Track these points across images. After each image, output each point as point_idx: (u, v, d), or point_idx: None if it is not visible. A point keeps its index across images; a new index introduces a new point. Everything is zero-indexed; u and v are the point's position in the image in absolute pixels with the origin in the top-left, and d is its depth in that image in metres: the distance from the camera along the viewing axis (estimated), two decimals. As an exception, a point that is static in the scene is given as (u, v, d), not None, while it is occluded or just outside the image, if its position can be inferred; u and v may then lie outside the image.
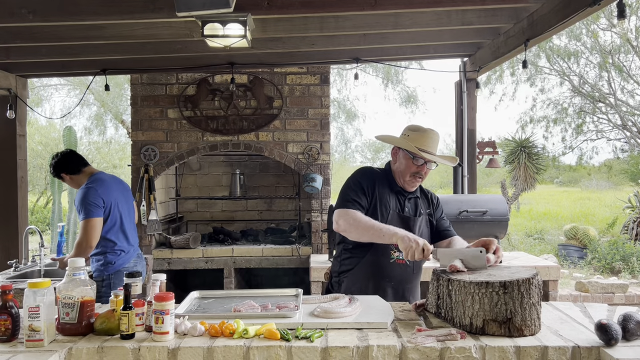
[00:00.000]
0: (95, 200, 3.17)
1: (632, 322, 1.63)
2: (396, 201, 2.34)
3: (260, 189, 5.81)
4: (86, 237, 3.12)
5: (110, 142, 15.51)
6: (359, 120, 14.81)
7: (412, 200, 2.40)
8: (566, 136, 14.12)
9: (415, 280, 2.39)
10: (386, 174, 2.39)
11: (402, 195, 2.37)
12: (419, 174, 2.30)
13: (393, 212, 2.31)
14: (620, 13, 2.91)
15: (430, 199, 2.48)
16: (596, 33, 11.98)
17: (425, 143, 2.27)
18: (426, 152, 2.27)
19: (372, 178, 2.34)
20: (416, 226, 2.33)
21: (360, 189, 2.29)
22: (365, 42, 4.33)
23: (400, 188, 2.37)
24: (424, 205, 2.43)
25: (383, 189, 2.33)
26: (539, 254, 8.86)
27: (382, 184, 2.34)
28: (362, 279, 2.31)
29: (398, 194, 2.37)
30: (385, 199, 2.31)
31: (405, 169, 2.31)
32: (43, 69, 5.11)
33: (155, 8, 3.22)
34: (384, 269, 2.29)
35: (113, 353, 1.63)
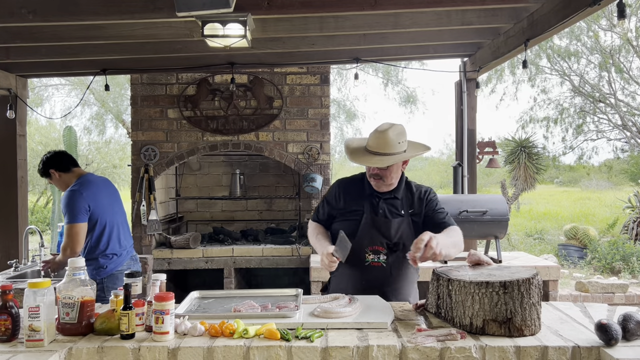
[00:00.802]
0: (81, 205, 3.10)
1: (632, 322, 1.63)
2: (370, 204, 2.33)
3: (260, 189, 5.81)
4: (70, 242, 3.07)
5: (110, 142, 15.52)
6: (359, 120, 14.82)
7: (389, 201, 2.34)
8: (566, 136, 14.12)
9: (397, 282, 2.31)
10: (362, 180, 2.41)
11: (377, 198, 2.34)
12: (377, 176, 2.28)
13: (367, 215, 2.31)
14: (621, 13, 2.91)
15: (414, 198, 2.37)
16: (597, 33, 11.98)
17: (373, 144, 2.24)
18: (375, 152, 2.24)
19: (340, 188, 2.42)
20: (391, 228, 2.29)
21: (323, 202, 2.47)
22: (365, 42, 4.33)
23: (374, 191, 2.35)
24: (406, 205, 2.34)
25: (354, 196, 2.37)
26: (539, 254, 8.86)
27: (353, 191, 2.39)
28: (343, 281, 2.33)
29: (372, 197, 2.34)
30: (357, 205, 2.34)
31: (366, 171, 2.35)
32: (43, 69, 5.11)
33: (155, 8, 3.22)
34: (360, 272, 2.27)
35: (113, 353, 1.63)
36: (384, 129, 2.23)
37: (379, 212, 2.31)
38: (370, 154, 2.25)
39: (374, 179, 2.30)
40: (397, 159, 2.24)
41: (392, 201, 2.34)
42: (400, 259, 2.28)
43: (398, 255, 2.28)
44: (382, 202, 2.33)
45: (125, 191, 10.76)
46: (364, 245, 2.27)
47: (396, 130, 2.24)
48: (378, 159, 2.23)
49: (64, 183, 3.28)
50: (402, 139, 2.25)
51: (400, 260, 2.28)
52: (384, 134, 2.22)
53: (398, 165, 2.30)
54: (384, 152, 2.23)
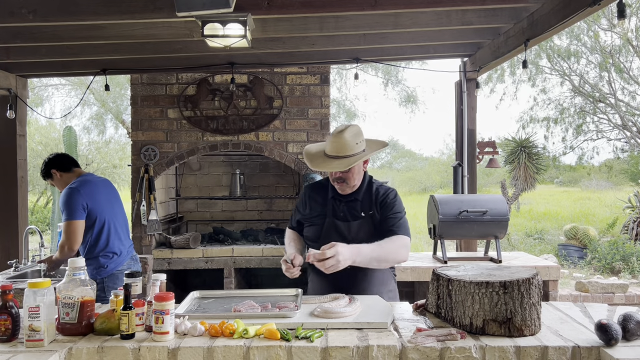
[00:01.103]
0: (78, 202, 3.11)
1: (632, 322, 1.63)
2: (333, 208, 2.36)
3: (260, 189, 5.81)
4: (67, 239, 3.08)
5: (110, 142, 15.52)
6: (359, 120, 14.81)
7: (349, 203, 2.35)
8: (566, 136, 14.12)
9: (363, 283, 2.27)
10: (326, 184, 2.44)
11: (339, 201, 2.36)
12: (340, 179, 2.30)
13: (329, 219, 2.34)
14: (620, 13, 2.91)
15: (374, 199, 2.35)
16: (597, 33, 11.98)
17: (330, 148, 2.26)
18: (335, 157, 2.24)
19: (305, 195, 2.50)
20: (351, 231, 2.29)
21: (295, 209, 2.56)
22: (365, 42, 4.33)
23: (336, 194, 2.37)
24: (366, 206, 2.33)
25: (319, 200, 2.41)
26: (539, 254, 8.86)
27: (318, 196, 2.43)
28: (316, 287, 2.37)
29: (335, 200, 2.37)
30: (321, 209, 2.38)
31: (329, 176, 2.37)
32: (43, 69, 5.11)
33: (155, 8, 3.22)
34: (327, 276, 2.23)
35: (113, 353, 1.63)
36: (339, 132, 2.24)
37: (339, 215, 2.34)
38: (330, 158, 2.26)
39: (338, 183, 2.32)
40: (356, 160, 2.24)
41: (352, 203, 2.35)
42: None
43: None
44: (342, 205, 2.35)
45: (125, 191, 10.77)
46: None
47: (352, 132, 2.25)
48: (338, 163, 2.24)
49: (64, 183, 3.29)
50: (359, 139, 2.27)
51: None
52: (340, 137, 2.23)
53: (359, 166, 2.31)
54: (343, 155, 2.24)
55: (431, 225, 4.42)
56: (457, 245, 5.81)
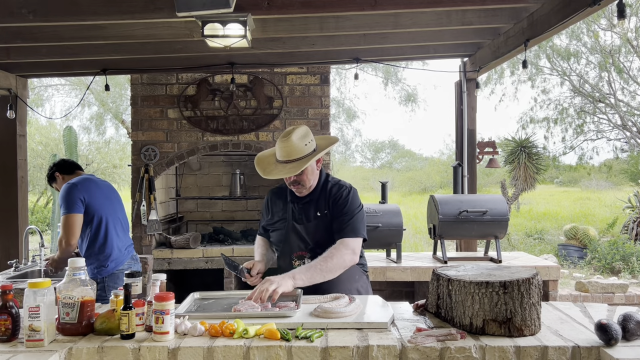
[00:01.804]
0: (76, 196, 3.13)
1: (632, 322, 1.63)
2: (291, 210, 2.37)
3: (260, 189, 5.80)
4: (65, 233, 3.10)
5: (110, 142, 15.52)
6: (359, 120, 14.82)
7: (305, 205, 2.35)
8: (566, 136, 14.13)
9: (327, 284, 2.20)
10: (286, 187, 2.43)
11: (295, 203, 2.37)
12: (295, 183, 2.29)
13: (289, 222, 2.35)
14: (620, 13, 2.91)
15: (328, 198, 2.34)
16: (597, 33, 11.98)
17: (281, 153, 2.26)
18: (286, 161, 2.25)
19: (268, 200, 2.51)
20: (309, 232, 2.30)
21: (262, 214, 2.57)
22: (365, 42, 4.33)
23: (293, 197, 2.38)
24: (321, 206, 2.32)
25: (280, 205, 2.44)
26: (539, 254, 8.86)
27: (279, 201, 2.45)
28: None
29: (292, 202, 2.38)
30: (281, 212, 2.41)
31: (285, 181, 2.35)
32: (43, 69, 5.11)
33: (155, 8, 3.22)
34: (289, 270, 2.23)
35: (113, 353, 1.63)
36: (286, 136, 2.24)
37: (296, 217, 2.35)
38: (282, 163, 2.26)
39: (294, 186, 2.32)
40: (307, 161, 2.23)
41: (307, 205, 2.36)
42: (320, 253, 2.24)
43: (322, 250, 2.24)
44: (297, 207, 2.36)
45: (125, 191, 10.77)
46: (290, 252, 2.35)
47: (299, 134, 2.25)
48: (290, 167, 2.23)
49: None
50: (307, 140, 2.26)
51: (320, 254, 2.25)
52: (287, 140, 2.23)
53: (312, 166, 2.29)
54: (294, 159, 2.23)
55: (431, 225, 4.43)
56: (457, 245, 5.81)
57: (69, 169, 3.38)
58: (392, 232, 4.25)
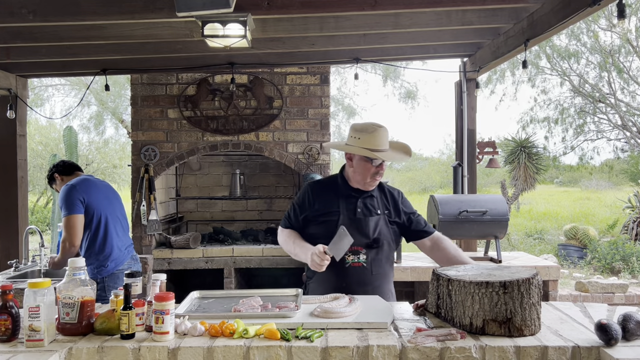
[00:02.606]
0: (75, 197, 3.14)
1: (632, 322, 1.63)
2: (347, 204, 2.35)
3: (260, 189, 5.81)
4: (68, 234, 3.10)
5: (109, 142, 15.52)
6: (358, 118, 14.80)
7: (366, 200, 2.37)
8: (566, 136, 14.13)
9: (377, 281, 2.31)
10: (334, 181, 2.43)
11: (354, 197, 2.36)
12: (379, 173, 2.33)
13: (344, 216, 2.32)
14: (620, 13, 2.91)
15: (387, 198, 2.41)
16: (596, 33, 11.98)
17: (378, 142, 2.28)
18: (380, 150, 2.28)
19: (309, 193, 2.41)
20: (369, 227, 2.31)
21: (293, 208, 2.45)
22: (365, 42, 4.32)
23: (351, 191, 2.37)
24: (381, 204, 2.38)
25: (328, 197, 2.38)
26: (539, 254, 8.86)
27: (325, 193, 2.40)
28: (324, 284, 2.32)
29: (349, 197, 2.36)
30: (332, 206, 2.35)
31: (365, 171, 2.31)
32: (43, 69, 5.11)
33: (155, 8, 3.22)
34: (341, 274, 2.26)
35: (113, 353, 1.63)
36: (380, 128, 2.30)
37: (356, 211, 2.33)
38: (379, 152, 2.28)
39: (375, 178, 2.32)
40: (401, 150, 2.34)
41: (368, 200, 2.37)
42: (379, 257, 2.31)
43: (377, 253, 2.31)
44: (359, 202, 2.35)
45: (125, 191, 10.77)
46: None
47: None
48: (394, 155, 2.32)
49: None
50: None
51: (380, 258, 2.31)
52: (384, 131, 2.30)
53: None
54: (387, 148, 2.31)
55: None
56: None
57: (68, 170, 3.40)
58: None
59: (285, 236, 2.45)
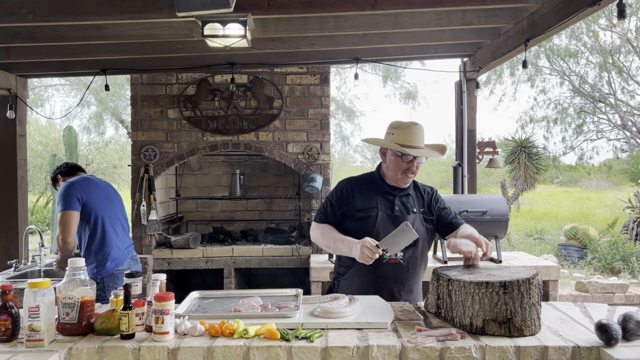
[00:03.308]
0: (73, 194, 3.14)
1: (632, 322, 1.63)
2: (385, 201, 2.36)
3: (260, 189, 5.81)
4: (61, 230, 3.10)
5: (109, 142, 15.51)
6: (359, 119, 14.79)
7: (403, 198, 2.39)
8: (566, 136, 14.12)
9: (412, 279, 2.35)
10: (371, 178, 2.45)
11: (391, 195, 2.38)
12: (410, 170, 2.32)
13: (382, 213, 2.33)
14: (620, 13, 2.91)
15: (423, 196, 2.45)
16: (596, 33, 11.97)
17: (410, 138, 2.29)
18: (412, 147, 2.29)
19: (347, 189, 2.41)
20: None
21: (329, 203, 2.42)
22: (365, 42, 4.32)
23: (389, 188, 2.39)
24: (417, 203, 2.41)
25: (365, 194, 2.38)
26: (539, 254, 8.86)
27: (363, 190, 2.40)
28: (358, 280, 2.33)
29: (386, 194, 2.38)
30: (370, 202, 2.36)
31: (396, 167, 2.33)
32: (43, 69, 5.11)
33: (155, 8, 3.22)
34: (377, 270, 2.28)
35: (113, 353, 1.63)
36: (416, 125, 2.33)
37: (394, 208, 2.35)
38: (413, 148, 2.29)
39: (407, 174, 2.33)
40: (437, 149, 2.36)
41: (405, 198, 2.39)
42: (415, 255, 2.33)
43: (414, 251, 2.32)
44: (397, 199, 2.37)
45: (125, 191, 10.76)
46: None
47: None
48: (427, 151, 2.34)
49: None
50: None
51: (416, 256, 2.33)
52: (419, 128, 2.32)
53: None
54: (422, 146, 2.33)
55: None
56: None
57: (71, 171, 3.43)
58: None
59: (322, 230, 2.39)
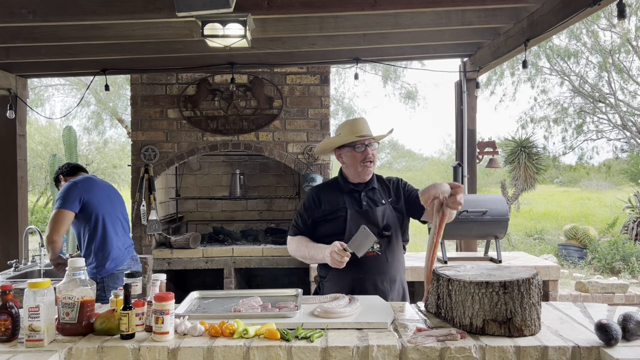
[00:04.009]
0: (73, 194, 3.14)
1: (632, 322, 1.63)
2: (352, 200, 2.42)
3: (260, 189, 5.81)
4: (51, 227, 3.11)
5: (109, 142, 15.51)
6: (358, 117, 14.74)
7: (369, 192, 2.44)
8: (566, 136, 14.11)
9: (393, 268, 2.38)
10: (336, 181, 2.51)
11: (357, 192, 2.44)
12: (367, 158, 2.37)
13: (351, 210, 2.39)
14: (620, 13, 2.91)
15: (389, 186, 2.49)
16: (596, 33, 11.97)
17: (357, 129, 2.38)
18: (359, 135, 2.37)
19: (313, 197, 2.49)
20: (377, 217, 2.37)
21: (299, 214, 2.52)
22: (365, 42, 4.32)
23: (353, 186, 2.44)
24: (384, 194, 2.45)
25: (332, 197, 2.44)
26: (539, 254, 8.86)
27: (329, 194, 2.47)
28: (341, 280, 2.35)
29: (352, 192, 2.44)
30: (337, 204, 2.41)
31: (353, 160, 2.39)
32: (43, 69, 5.11)
33: (155, 8, 3.22)
34: (357, 266, 2.32)
35: (113, 353, 1.63)
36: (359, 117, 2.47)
37: (362, 204, 2.41)
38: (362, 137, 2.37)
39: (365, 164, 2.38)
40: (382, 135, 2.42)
41: (372, 192, 2.45)
42: (392, 245, 2.38)
43: (390, 241, 2.37)
44: (363, 195, 2.43)
45: (125, 191, 10.76)
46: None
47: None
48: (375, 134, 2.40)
49: None
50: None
51: (393, 245, 2.38)
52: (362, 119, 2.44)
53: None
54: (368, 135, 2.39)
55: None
56: (457, 245, 5.81)
57: (73, 171, 3.44)
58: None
59: (296, 242, 2.48)
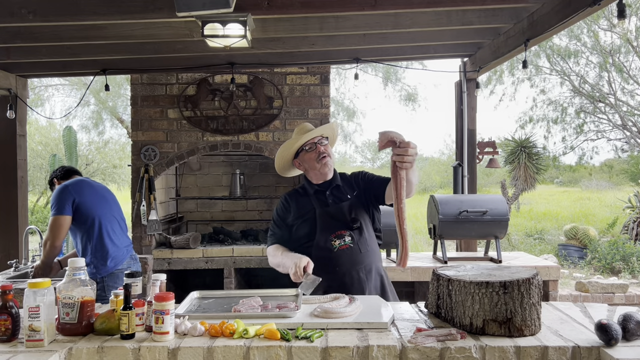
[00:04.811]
0: (66, 198, 3.14)
1: (632, 322, 1.63)
2: (318, 200, 2.48)
3: (260, 189, 5.81)
4: (51, 235, 3.11)
5: (109, 142, 15.51)
6: (358, 118, 14.78)
7: (334, 190, 2.50)
8: (566, 136, 14.12)
9: (367, 258, 2.41)
10: (302, 187, 2.59)
11: (322, 192, 2.50)
12: (321, 154, 2.44)
13: (319, 209, 2.45)
14: (620, 13, 2.91)
15: (351, 181, 2.55)
16: (596, 33, 11.98)
17: (301, 131, 2.48)
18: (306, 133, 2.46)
19: (284, 203, 2.58)
20: (344, 211, 2.42)
21: (273, 222, 2.61)
22: (365, 42, 4.33)
23: (318, 187, 2.50)
24: (348, 189, 2.51)
25: (301, 200, 2.53)
26: (539, 254, 8.86)
27: (298, 198, 2.55)
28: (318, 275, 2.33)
29: (317, 193, 2.50)
30: (305, 207, 2.49)
31: (310, 160, 2.46)
32: (43, 69, 5.11)
33: (155, 8, 3.23)
34: (332, 260, 2.35)
35: (113, 353, 1.63)
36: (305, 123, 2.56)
37: (328, 202, 2.47)
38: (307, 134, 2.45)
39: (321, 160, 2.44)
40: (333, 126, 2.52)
41: (336, 190, 2.51)
42: (364, 236, 2.42)
43: (361, 232, 2.42)
44: (328, 194, 2.49)
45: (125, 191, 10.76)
46: (328, 234, 2.40)
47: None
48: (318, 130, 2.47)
49: None
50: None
51: (364, 237, 2.43)
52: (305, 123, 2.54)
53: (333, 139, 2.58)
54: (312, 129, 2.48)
55: (431, 225, 4.42)
56: (457, 245, 5.81)
57: (66, 175, 3.43)
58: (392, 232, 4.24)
59: (272, 252, 2.53)
